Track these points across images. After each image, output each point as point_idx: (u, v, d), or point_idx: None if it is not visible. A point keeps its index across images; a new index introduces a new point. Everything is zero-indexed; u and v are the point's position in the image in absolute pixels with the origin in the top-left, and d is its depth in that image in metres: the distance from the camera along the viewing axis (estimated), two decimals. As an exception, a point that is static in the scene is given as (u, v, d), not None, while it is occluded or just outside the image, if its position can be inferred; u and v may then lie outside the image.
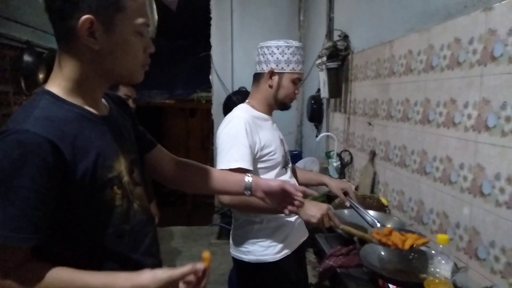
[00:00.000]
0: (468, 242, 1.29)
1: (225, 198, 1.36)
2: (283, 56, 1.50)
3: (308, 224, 1.40)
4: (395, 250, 1.26)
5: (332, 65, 2.53)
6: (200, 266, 0.84)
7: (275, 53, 1.51)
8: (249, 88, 4.29)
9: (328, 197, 1.98)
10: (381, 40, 2.03)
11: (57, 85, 0.86)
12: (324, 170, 2.65)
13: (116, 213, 0.86)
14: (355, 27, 2.47)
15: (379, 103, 2.04)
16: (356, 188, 2.25)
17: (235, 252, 1.53)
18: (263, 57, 1.53)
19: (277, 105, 1.56)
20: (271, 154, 1.48)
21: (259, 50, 1.56)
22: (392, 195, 1.88)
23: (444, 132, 1.43)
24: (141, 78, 0.94)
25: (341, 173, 2.56)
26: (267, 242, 1.47)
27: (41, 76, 3.04)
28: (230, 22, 3.97)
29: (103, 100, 0.97)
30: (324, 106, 3.15)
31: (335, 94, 2.61)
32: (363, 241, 1.36)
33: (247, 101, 1.59)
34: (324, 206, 1.32)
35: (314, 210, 1.29)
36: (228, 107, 3.98)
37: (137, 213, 0.93)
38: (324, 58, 2.61)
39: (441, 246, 0.94)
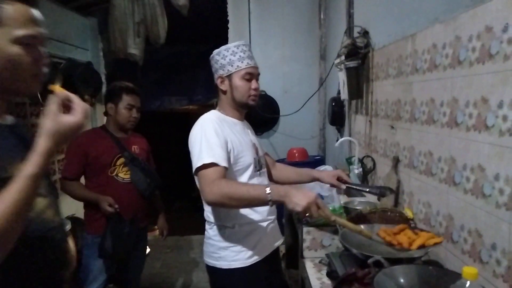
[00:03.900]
0: (508, 268, 1.08)
1: (208, 195, 1.29)
2: (224, 59, 1.52)
3: (295, 213, 1.36)
4: (416, 271, 1.09)
5: (351, 64, 2.35)
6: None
7: (218, 60, 1.53)
8: (269, 92, 4.17)
9: (346, 209, 1.80)
10: (403, 34, 1.83)
11: None
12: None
13: None
14: (375, 22, 2.28)
15: (402, 104, 1.84)
16: (379, 199, 2.05)
17: (207, 259, 1.53)
18: (213, 68, 1.57)
19: (240, 107, 1.56)
20: (239, 157, 1.46)
21: (210, 63, 1.60)
22: (418, 207, 1.67)
23: (475, 136, 1.23)
24: (36, 89, 0.93)
25: (364, 180, 2.36)
26: (238, 247, 1.47)
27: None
28: (248, 24, 3.85)
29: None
30: (346, 109, 2.96)
31: (356, 95, 2.41)
32: (379, 264, 1.18)
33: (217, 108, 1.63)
34: (312, 194, 1.25)
35: (300, 197, 1.21)
36: (248, 111, 3.87)
37: (32, 223, 0.91)
38: (343, 57, 2.43)
39: (468, 282, 0.76)
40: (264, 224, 1.53)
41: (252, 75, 1.52)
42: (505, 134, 1.08)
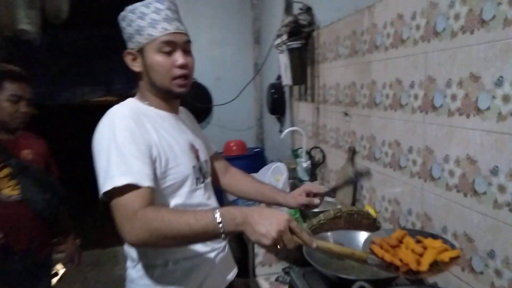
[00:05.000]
0: (510, 281, 0.89)
1: (130, 236, 0.86)
2: (131, 26, 1.03)
3: (261, 246, 0.91)
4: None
5: (295, 44, 2.08)
6: None
7: (125, 28, 1.05)
8: (200, 80, 3.75)
9: (303, 214, 1.54)
10: (355, 7, 1.60)
11: None
12: (292, 172, 2.21)
13: None
14: (319, -4, 2.03)
15: (358, 87, 1.62)
16: (333, 193, 1.83)
17: None
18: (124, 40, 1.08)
19: (164, 94, 1.07)
20: (170, 167, 1.01)
21: None
22: (382, 204, 1.47)
23: (462, 122, 1.02)
24: None
25: (312, 174, 2.14)
26: None
27: None
28: (172, 3, 3.40)
29: None
30: (287, 96, 2.71)
31: (300, 80, 2.16)
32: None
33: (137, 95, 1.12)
34: (282, 216, 0.83)
35: (266, 226, 0.80)
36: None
37: None
38: (285, 37, 2.15)
39: None
40: (212, 255, 1.11)
41: (173, 44, 1.02)
42: (507, 118, 0.88)
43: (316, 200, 1.20)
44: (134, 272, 1.06)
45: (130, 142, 0.93)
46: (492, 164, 0.93)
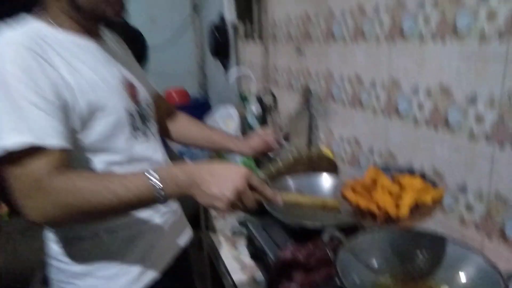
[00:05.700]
0: (486, 214, 0.85)
1: (33, 213, 0.63)
2: None
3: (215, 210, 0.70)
4: (389, 241, 0.75)
5: (238, -27, 1.83)
6: None
7: None
8: (131, 21, 3.32)
9: (257, 161, 1.41)
10: None
11: None
12: (241, 119, 2.05)
13: None
14: None
15: (312, 19, 1.45)
16: (287, 138, 1.72)
17: None
18: None
19: (87, 18, 0.78)
20: (94, 110, 0.73)
21: None
22: (341, 145, 1.38)
23: (434, 48, 0.91)
24: None
25: (263, 120, 2.00)
26: (112, 269, 0.81)
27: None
28: None
29: None
30: (231, 35, 2.47)
31: (246, 14, 1.94)
32: (335, 243, 0.81)
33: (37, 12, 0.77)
34: (239, 171, 0.66)
35: (219, 185, 0.64)
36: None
37: None
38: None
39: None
40: (158, 219, 0.88)
41: None
42: (491, 39, 0.78)
43: (275, 144, 1.07)
44: (55, 246, 0.82)
45: (28, 85, 0.65)
46: (469, 91, 0.84)
